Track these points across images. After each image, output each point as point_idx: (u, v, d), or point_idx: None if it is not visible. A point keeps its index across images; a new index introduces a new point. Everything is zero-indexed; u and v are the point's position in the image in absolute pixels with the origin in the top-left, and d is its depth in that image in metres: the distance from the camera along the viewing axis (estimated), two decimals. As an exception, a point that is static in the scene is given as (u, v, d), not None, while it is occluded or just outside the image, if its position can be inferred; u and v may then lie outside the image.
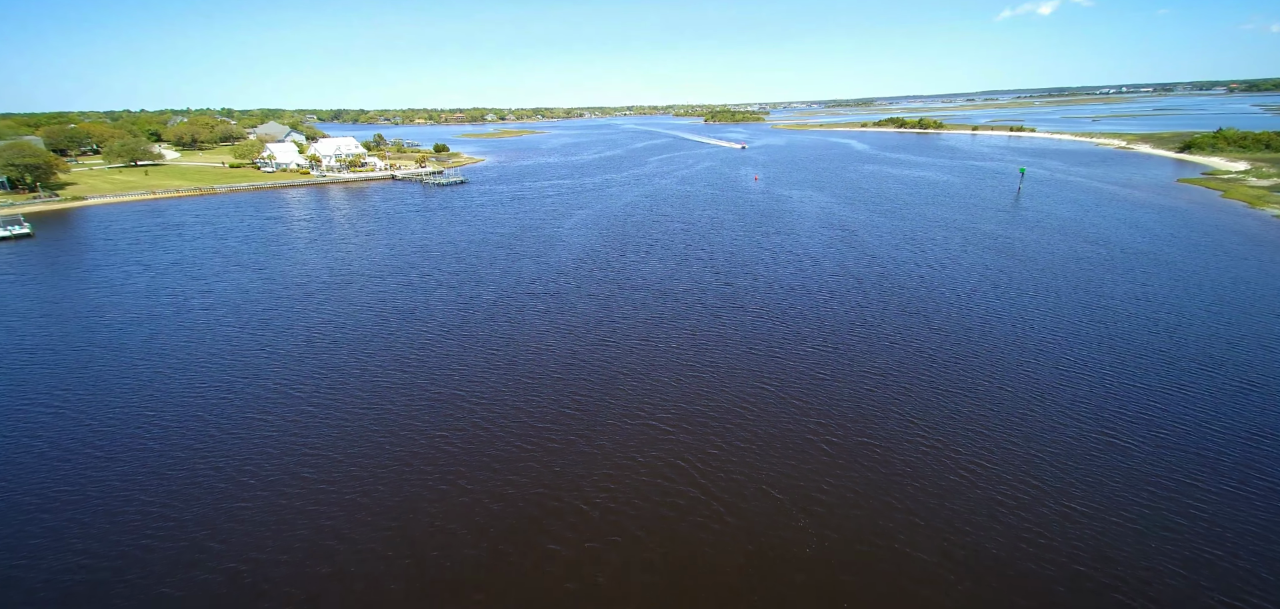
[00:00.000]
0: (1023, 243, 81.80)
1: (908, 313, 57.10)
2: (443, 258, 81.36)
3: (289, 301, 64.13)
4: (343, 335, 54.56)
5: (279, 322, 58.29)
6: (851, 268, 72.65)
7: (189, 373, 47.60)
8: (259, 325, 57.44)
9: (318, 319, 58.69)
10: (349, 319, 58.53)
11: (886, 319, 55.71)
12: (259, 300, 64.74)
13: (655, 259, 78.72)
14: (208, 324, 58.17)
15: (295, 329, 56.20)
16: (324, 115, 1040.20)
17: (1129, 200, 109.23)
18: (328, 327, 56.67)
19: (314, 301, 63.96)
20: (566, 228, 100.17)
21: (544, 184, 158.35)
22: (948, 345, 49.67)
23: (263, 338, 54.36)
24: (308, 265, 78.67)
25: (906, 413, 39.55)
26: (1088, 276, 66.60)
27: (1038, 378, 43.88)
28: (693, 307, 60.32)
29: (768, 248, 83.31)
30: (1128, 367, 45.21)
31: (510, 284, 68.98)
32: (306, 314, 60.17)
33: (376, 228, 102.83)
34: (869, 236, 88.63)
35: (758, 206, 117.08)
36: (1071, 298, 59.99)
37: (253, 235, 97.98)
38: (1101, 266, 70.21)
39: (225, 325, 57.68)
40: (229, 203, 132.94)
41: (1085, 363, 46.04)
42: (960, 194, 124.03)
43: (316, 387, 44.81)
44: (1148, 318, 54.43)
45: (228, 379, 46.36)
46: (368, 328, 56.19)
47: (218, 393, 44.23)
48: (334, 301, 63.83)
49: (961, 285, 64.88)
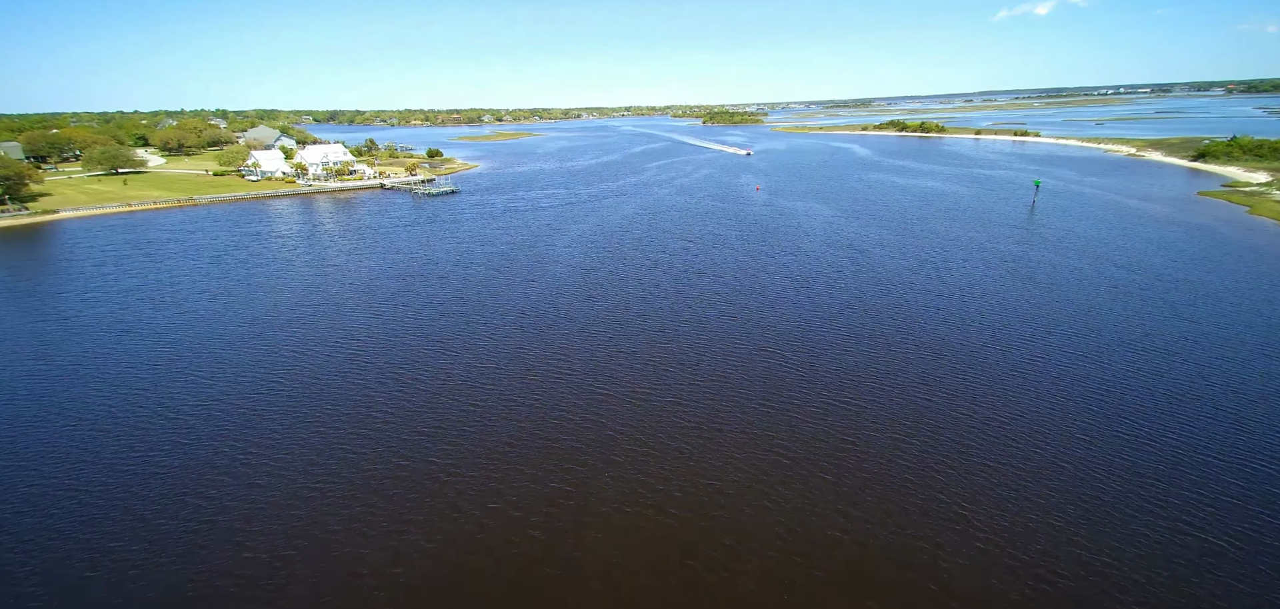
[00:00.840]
0: (1047, 267, 76.49)
1: (931, 354, 51.68)
2: (425, 283, 75.71)
3: (250, 340, 58.40)
4: (302, 387, 48.90)
5: (233, 369, 52.57)
6: (865, 297, 67.22)
7: (128, 441, 41.89)
8: (211, 372, 51.70)
9: (276, 365, 52.99)
10: (313, 364, 52.87)
11: (908, 362, 50.27)
12: (218, 340, 58.98)
13: (655, 284, 73.21)
14: (157, 374, 52.44)
15: (249, 380, 50.50)
16: (320, 116, 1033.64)
17: (1151, 217, 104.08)
18: (287, 375, 50.99)
19: (277, 340, 58.23)
20: (560, 247, 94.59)
21: (538, 194, 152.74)
22: (981, 396, 44.25)
23: (212, 391, 48.66)
24: (277, 293, 72.93)
25: (942, 493, 34.10)
26: (1127, 311, 61.24)
27: (1091, 444, 38.45)
28: (696, 348, 54.80)
29: (774, 271, 77.88)
30: (1195, 430, 39.81)
31: (496, 318, 63.36)
32: (266, 359, 54.46)
33: (358, 246, 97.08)
34: (881, 257, 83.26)
35: (761, 221, 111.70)
36: (1113, 336, 54.62)
37: (226, 255, 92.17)
38: (1137, 296, 64.88)
39: (175, 375, 51.95)
40: (207, 216, 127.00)
41: (1146, 425, 40.63)
42: (971, 207, 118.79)
43: (264, 452, 39.16)
44: (1204, 364, 49.04)
45: (161, 450, 40.66)
46: (332, 379, 50.52)
47: (147, 469, 38.54)
48: (299, 341, 58.12)
49: (987, 320, 59.49)
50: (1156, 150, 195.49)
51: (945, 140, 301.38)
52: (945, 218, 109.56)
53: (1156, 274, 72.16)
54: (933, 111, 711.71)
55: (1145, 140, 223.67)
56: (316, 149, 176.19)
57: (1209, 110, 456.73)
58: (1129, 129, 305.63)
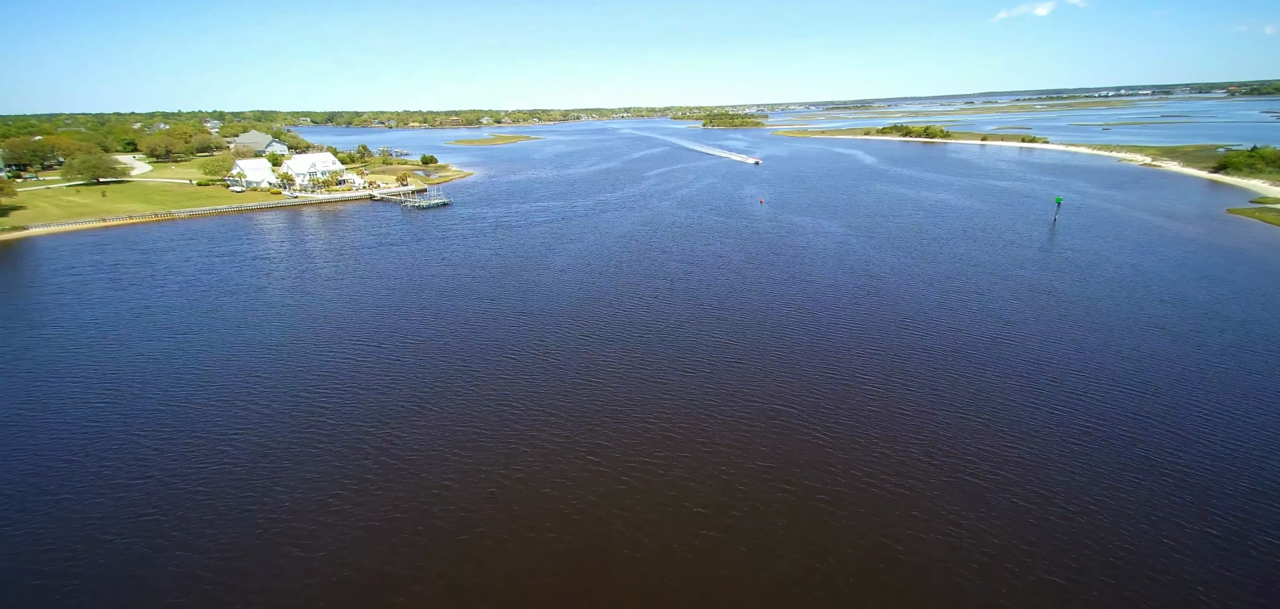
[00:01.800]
0: (1084, 303, 70.35)
1: (971, 419, 45.54)
2: (406, 318, 69.52)
3: (204, 390, 52.15)
4: (258, 450, 42.69)
5: (187, 430, 46.36)
6: (886, 340, 61.06)
7: (45, 522, 35.68)
8: (157, 435, 45.49)
9: (231, 423, 46.78)
10: (272, 420, 46.67)
11: (943, 434, 44.12)
12: (165, 393, 52.71)
13: (655, 317, 67.04)
14: (90, 445, 46.25)
15: (203, 443, 44.32)
16: (318, 118, 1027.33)
17: (1184, 239, 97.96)
18: (241, 437, 44.79)
19: (234, 391, 51.98)
20: (554, 270, 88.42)
21: (533, 207, 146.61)
22: (1032, 475, 38.11)
23: (157, 462, 42.47)
24: (242, 331, 66.67)
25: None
26: (1185, 358, 55.00)
27: (1195, 561, 32.34)
28: (701, 405, 48.65)
29: (783, 302, 71.73)
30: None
31: (480, 360, 57.18)
32: (221, 416, 48.23)
33: (338, 271, 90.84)
34: (899, 288, 77.13)
35: (766, 240, 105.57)
36: (1183, 398, 48.42)
37: (195, 281, 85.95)
38: (1193, 341, 58.55)
39: (114, 445, 45.74)
40: (185, 232, 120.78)
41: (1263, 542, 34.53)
42: (989, 226, 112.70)
43: (210, 533, 32.96)
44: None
45: (86, 540, 34.47)
46: (291, 442, 44.33)
47: (63, 560, 32.34)
48: (258, 392, 51.87)
49: (1032, 372, 53.30)
50: (1172, 160, 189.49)
51: (950, 146, 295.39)
52: (963, 238, 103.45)
53: (1206, 311, 65.97)
54: (933, 114, 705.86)
55: (1158, 148, 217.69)
56: (304, 158, 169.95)
57: (1215, 114, 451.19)
58: (1137, 134, 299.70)
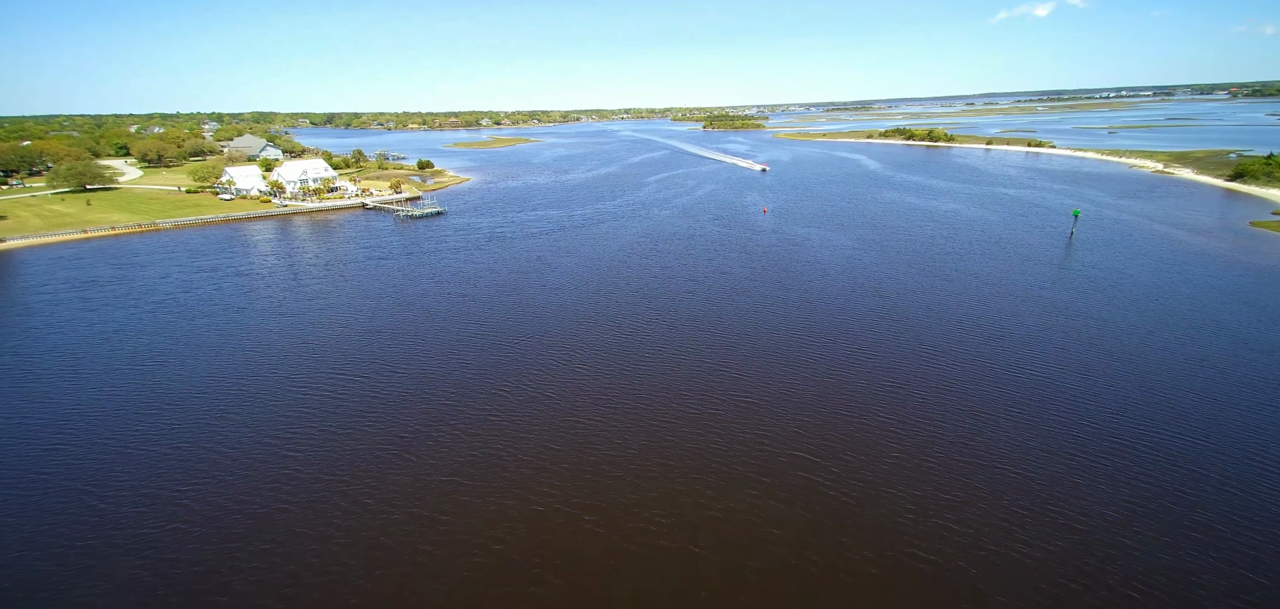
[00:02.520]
0: (1116, 329, 66.07)
1: (1002, 465, 41.28)
2: (390, 345, 65.23)
3: (163, 438, 47.86)
4: (213, 515, 38.43)
5: (133, 485, 42.09)
6: (904, 372, 56.78)
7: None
8: (104, 490, 41.23)
9: (188, 476, 42.50)
10: (231, 474, 42.40)
11: (973, 485, 39.86)
12: (125, 435, 48.45)
13: (655, 348, 62.77)
14: (27, 505, 41.96)
15: (153, 502, 40.04)
16: (317, 119, 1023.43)
17: (1209, 255, 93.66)
18: (196, 495, 40.52)
19: (193, 440, 47.69)
20: (549, 289, 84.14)
21: (530, 216, 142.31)
22: (1089, 558, 33.84)
23: (97, 528, 38.20)
24: (214, 357, 62.36)
25: None
26: (1235, 398, 50.80)
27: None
28: (708, 456, 44.38)
29: (791, 324, 67.47)
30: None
31: (468, 397, 52.91)
32: (177, 470, 43.94)
33: (323, 289, 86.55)
34: (915, 310, 72.86)
35: (771, 254, 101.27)
36: (1251, 457, 44.21)
37: (170, 300, 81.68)
38: (1243, 378, 54.26)
39: (52, 501, 41.47)
40: (168, 243, 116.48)
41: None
42: (1003, 239, 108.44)
43: None
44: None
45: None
46: (251, 500, 40.04)
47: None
48: (219, 442, 47.57)
49: (1065, 409, 49.04)
50: (1185, 166, 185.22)
51: (954, 151, 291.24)
52: (978, 253, 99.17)
53: (1247, 341, 61.65)
54: (934, 115, 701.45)
55: (1169, 154, 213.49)
56: (295, 165, 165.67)
57: (1220, 117, 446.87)
58: (1144, 139, 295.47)
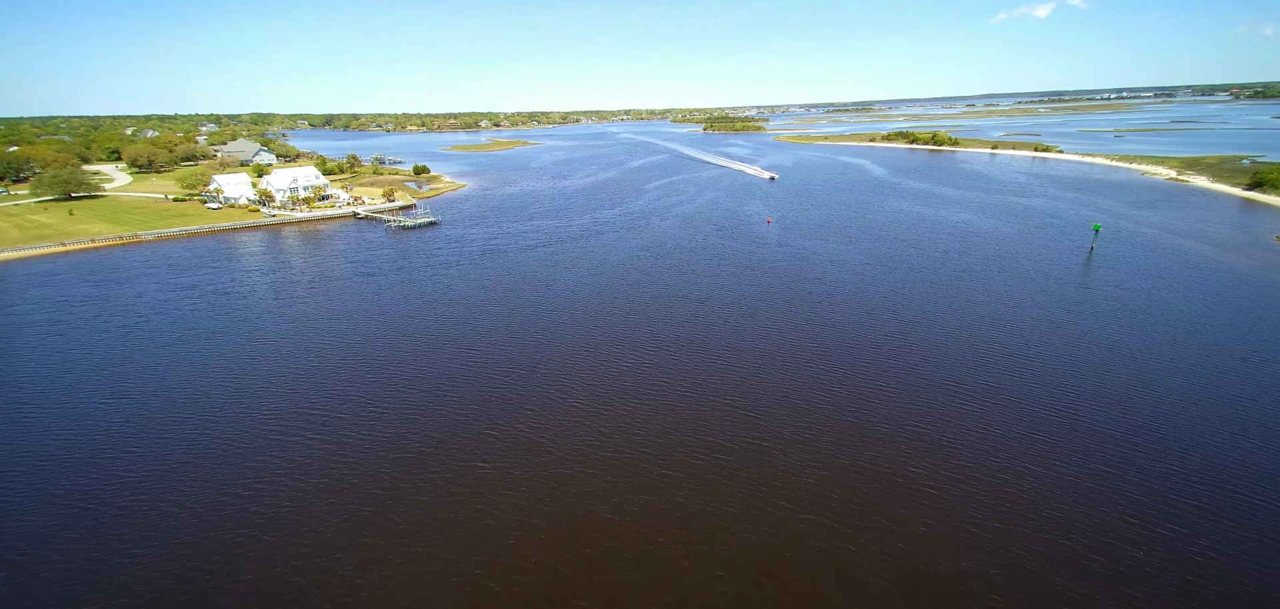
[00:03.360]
0: (1154, 360, 61.46)
1: (1058, 526, 36.65)
2: (372, 378, 60.63)
3: (117, 490, 43.24)
4: (162, 587, 33.81)
5: (79, 548, 37.46)
6: (929, 411, 52.18)
7: None
8: (45, 552, 36.60)
9: (134, 538, 37.88)
10: (189, 526, 37.78)
11: (1018, 547, 35.22)
12: (76, 487, 43.83)
13: (656, 382, 58.18)
14: (-43, 560, 37.28)
15: (97, 570, 35.43)
16: (315, 121, 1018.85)
17: (1238, 274, 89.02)
18: (140, 569, 35.89)
19: (147, 495, 43.06)
20: (544, 310, 79.56)
21: (526, 227, 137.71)
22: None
23: (35, 598, 33.60)
24: (180, 398, 57.75)
25: None
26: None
27: None
28: (712, 516, 39.77)
29: (802, 354, 62.88)
30: None
31: (446, 443, 48.32)
32: (121, 534, 39.31)
33: (305, 311, 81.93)
34: (932, 336, 68.27)
35: (778, 271, 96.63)
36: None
37: (143, 323, 77.12)
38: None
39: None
40: (149, 257, 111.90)
41: None
42: (1020, 253, 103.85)
43: None
44: None
45: None
46: (200, 578, 35.44)
47: None
48: (177, 497, 42.96)
49: (1104, 466, 44.48)
50: (1199, 174, 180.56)
51: (959, 155, 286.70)
52: (995, 270, 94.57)
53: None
54: (935, 117, 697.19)
55: (1180, 160, 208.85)
56: (284, 173, 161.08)
57: (1226, 119, 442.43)
58: (1151, 143, 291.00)
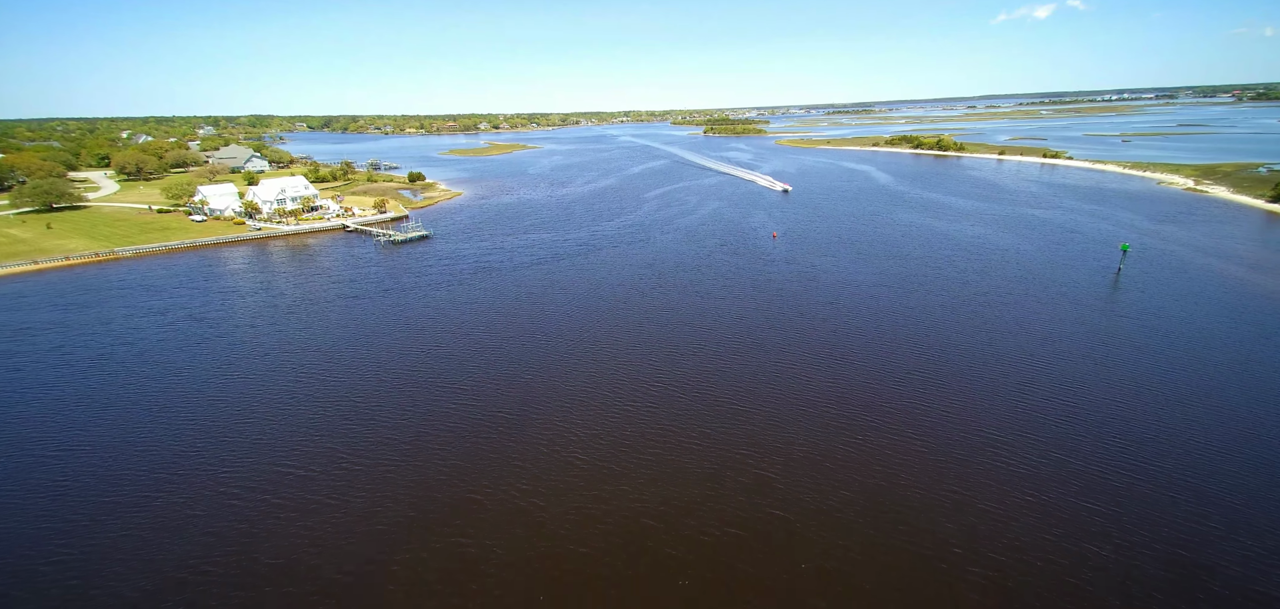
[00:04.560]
0: (1219, 414, 55.99)
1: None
2: (344, 426, 55.00)
3: (53, 551, 37.59)
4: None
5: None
6: (962, 472, 46.60)
7: None
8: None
9: None
10: None
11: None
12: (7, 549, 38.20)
13: (660, 436, 52.59)
14: None
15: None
16: (314, 123, 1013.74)
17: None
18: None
19: (89, 555, 37.42)
20: (538, 338, 73.97)
21: (522, 241, 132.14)
22: None
23: None
24: (136, 444, 52.09)
25: None
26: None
27: None
28: (727, 570, 34.16)
29: (817, 396, 57.27)
30: None
31: (424, 514, 42.71)
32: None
33: (280, 340, 76.34)
34: (962, 378, 62.64)
35: (788, 294, 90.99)
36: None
37: (107, 356, 71.56)
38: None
39: None
40: (124, 277, 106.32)
41: None
42: (1042, 275, 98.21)
43: None
44: None
45: None
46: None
47: None
48: (121, 560, 37.32)
49: (1166, 558, 38.96)
50: (1217, 183, 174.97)
51: (965, 161, 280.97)
52: (1019, 294, 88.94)
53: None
54: (936, 119, 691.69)
55: (1195, 167, 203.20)
56: (272, 183, 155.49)
57: (1233, 122, 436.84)
58: (1160, 148, 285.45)
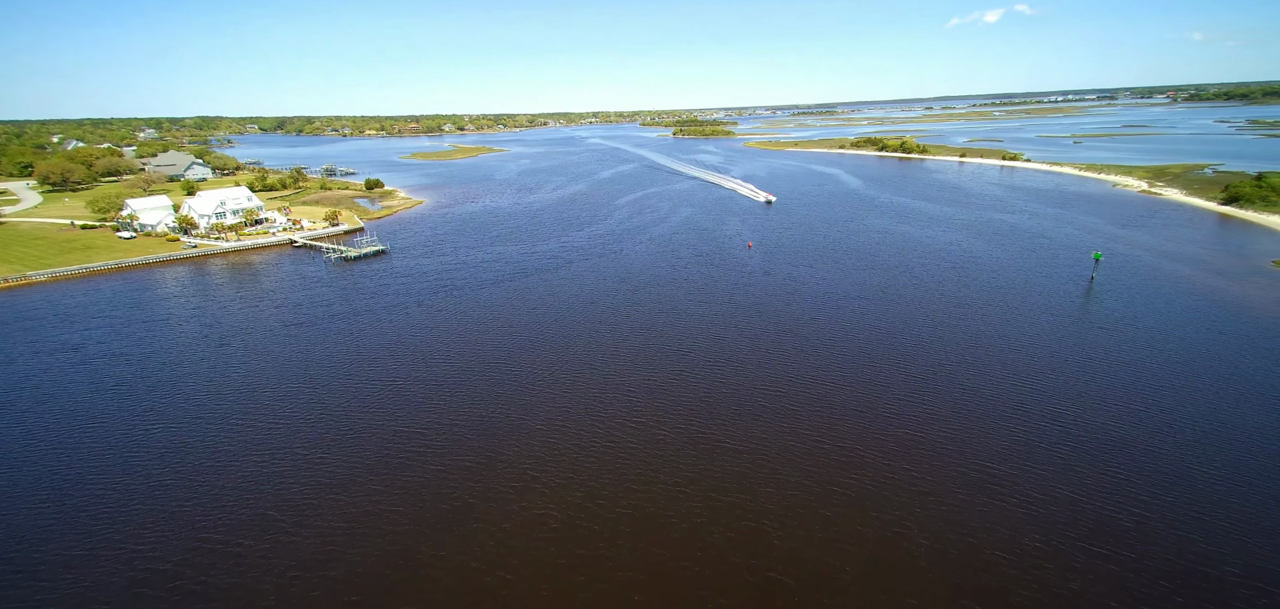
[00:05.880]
0: (1209, 432, 54.25)
1: None
2: (275, 485, 48.05)
3: None
4: None
5: None
6: (964, 519, 43.14)
7: None
8: None
9: None
10: None
11: None
12: None
13: (638, 484, 47.53)
14: None
15: None
16: (266, 125, 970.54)
17: (1249, 308, 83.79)
18: None
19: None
20: (502, 370, 67.96)
21: (487, 255, 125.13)
22: None
23: None
24: (17, 532, 44.13)
25: None
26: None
27: None
28: None
29: (805, 428, 53.21)
30: None
31: (368, 603, 36.60)
32: None
33: (212, 379, 68.18)
34: (952, 399, 59.66)
35: (766, 309, 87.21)
36: None
37: (3, 407, 62.29)
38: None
39: None
40: (36, 305, 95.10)
41: None
42: (1017, 283, 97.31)
43: None
44: None
45: None
46: None
47: None
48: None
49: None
50: (1169, 185, 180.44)
51: (928, 163, 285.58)
52: (997, 306, 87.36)
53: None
54: (897, 119, 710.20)
55: (1147, 169, 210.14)
56: (211, 195, 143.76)
57: (1172, 123, 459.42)
58: (1109, 150, 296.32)
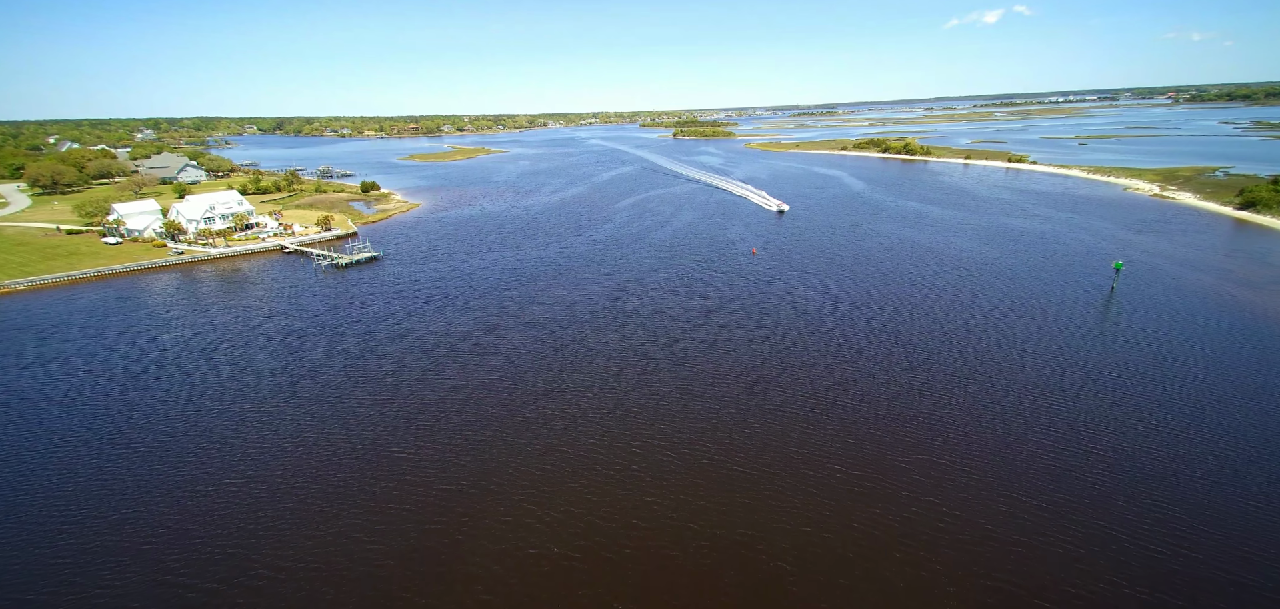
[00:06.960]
0: (1245, 448, 50.51)
1: None
2: (251, 518, 44.17)
3: None
4: None
5: None
6: (996, 555, 39.28)
7: None
8: None
9: None
10: None
11: None
12: None
13: (641, 520, 43.69)
14: None
15: None
16: (265, 125, 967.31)
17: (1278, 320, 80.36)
18: None
19: None
20: (500, 387, 64.15)
21: (483, 262, 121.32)
22: None
23: None
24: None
25: None
26: None
27: None
28: None
29: (819, 454, 49.44)
30: None
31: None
32: None
33: (191, 396, 64.31)
34: (988, 434, 55.92)
35: (774, 318, 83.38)
36: None
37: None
38: None
39: None
40: (13, 316, 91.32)
41: None
42: (1035, 293, 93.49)
43: None
44: None
45: None
46: None
47: None
48: None
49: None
50: (1181, 189, 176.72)
51: (932, 165, 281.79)
52: (1016, 319, 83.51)
53: None
54: (897, 120, 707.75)
55: (1157, 172, 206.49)
56: (200, 199, 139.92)
57: (1176, 124, 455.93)
58: (1116, 151, 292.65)
